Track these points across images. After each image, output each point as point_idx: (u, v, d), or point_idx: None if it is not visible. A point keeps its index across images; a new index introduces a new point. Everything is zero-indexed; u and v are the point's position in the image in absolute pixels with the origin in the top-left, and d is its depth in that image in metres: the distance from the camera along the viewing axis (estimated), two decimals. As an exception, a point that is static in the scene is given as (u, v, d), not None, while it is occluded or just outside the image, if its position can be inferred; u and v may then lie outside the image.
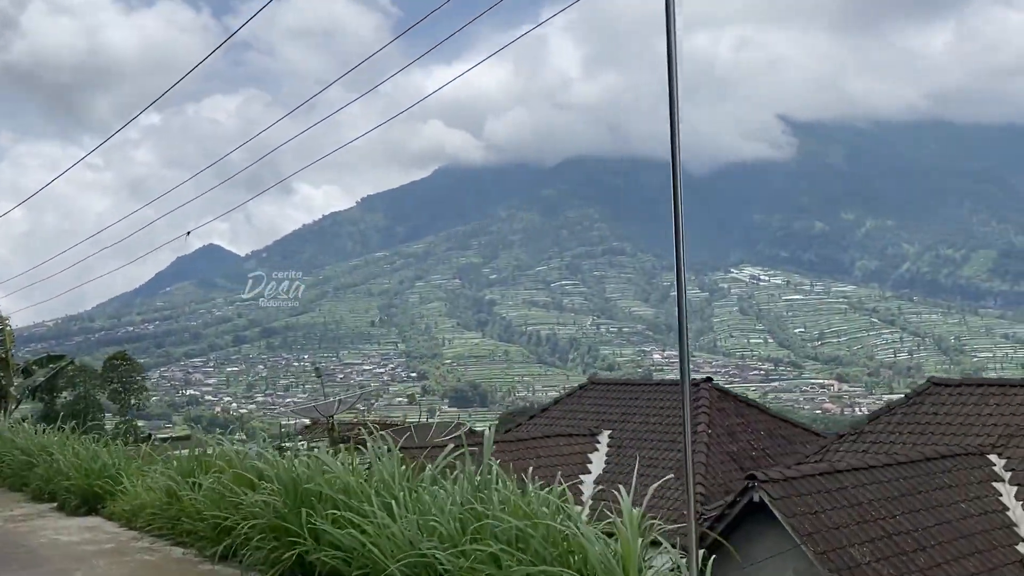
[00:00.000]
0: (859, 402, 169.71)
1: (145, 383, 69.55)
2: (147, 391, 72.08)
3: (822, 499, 13.69)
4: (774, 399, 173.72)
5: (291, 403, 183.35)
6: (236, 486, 6.95)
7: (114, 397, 61.67)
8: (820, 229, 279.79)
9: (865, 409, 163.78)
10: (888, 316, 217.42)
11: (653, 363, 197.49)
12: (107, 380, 61.99)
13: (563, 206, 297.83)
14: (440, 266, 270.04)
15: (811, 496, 13.62)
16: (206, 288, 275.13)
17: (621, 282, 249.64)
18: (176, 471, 8.48)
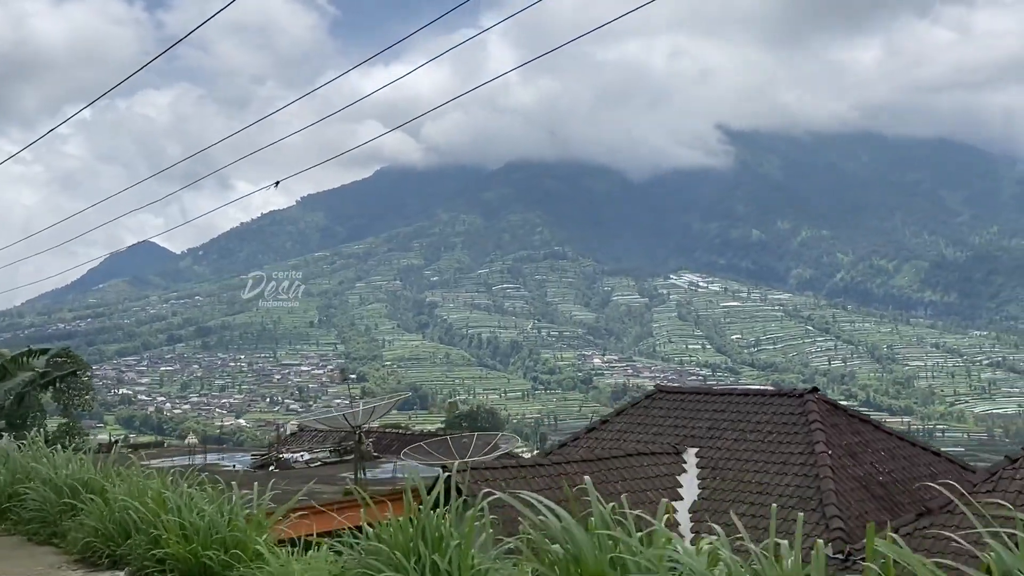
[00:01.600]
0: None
1: (91, 382, 66.16)
2: (93, 391, 68.49)
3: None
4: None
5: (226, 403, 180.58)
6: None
7: (57, 397, 58.12)
8: (757, 237, 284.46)
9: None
10: (823, 324, 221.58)
11: (593, 367, 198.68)
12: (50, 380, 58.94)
13: (505, 210, 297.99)
14: (381, 267, 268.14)
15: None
16: (140, 285, 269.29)
17: (562, 286, 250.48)
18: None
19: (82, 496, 8.19)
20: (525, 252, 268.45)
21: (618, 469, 18.13)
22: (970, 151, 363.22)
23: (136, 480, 7.89)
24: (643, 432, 21.18)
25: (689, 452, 19.68)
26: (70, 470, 8.97)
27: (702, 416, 20.83)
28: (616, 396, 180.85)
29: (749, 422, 19.89)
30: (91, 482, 8.47)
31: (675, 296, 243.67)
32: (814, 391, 20.08)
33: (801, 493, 16.91)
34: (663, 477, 18.64)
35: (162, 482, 7.36)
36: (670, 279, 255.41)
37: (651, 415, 21.82)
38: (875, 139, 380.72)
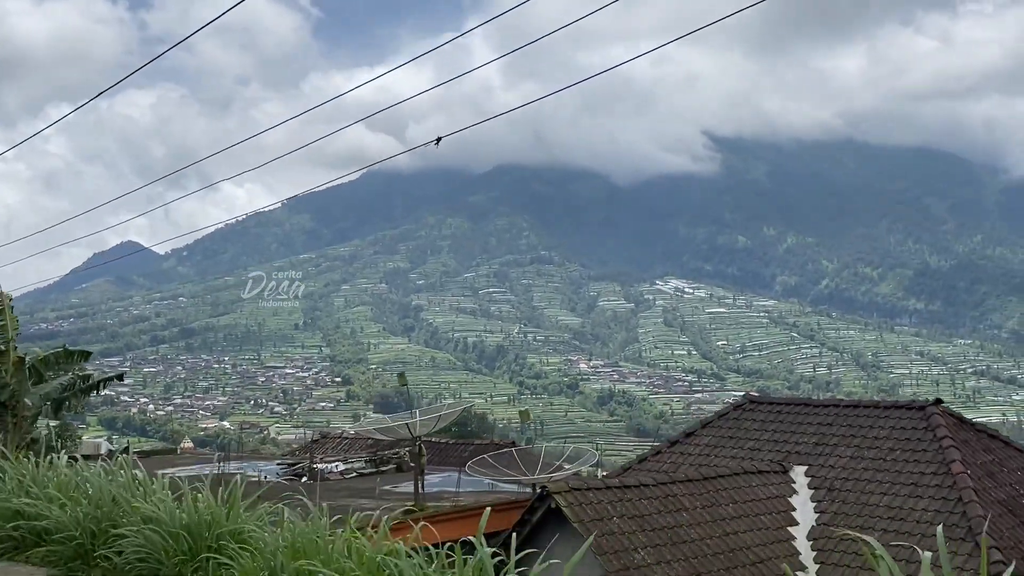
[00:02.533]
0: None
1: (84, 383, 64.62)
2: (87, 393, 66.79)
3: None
4: (697, 410, 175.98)
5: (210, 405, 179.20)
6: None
7: (45, 397, 56.95)
8: (743, 244, 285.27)
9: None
10: (808, 331, 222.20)
11: (579, 372, 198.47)
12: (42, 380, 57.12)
13: (491, 213, 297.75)
14: (367, 270, 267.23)
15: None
16: (123, 286, 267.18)
17: (548, 291, 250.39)
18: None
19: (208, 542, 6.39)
20: (511, 256, 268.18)
21: (727, 490, 16.35)
22: (953, 160, 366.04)
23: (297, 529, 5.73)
24: (736, 447, 19.22)
25: (796, 470, 17.71)
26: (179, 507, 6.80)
27: (805, 430, 18.80)
28: (602, 401, 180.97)
29: (864, 437, 17.82)
30: (214, 521, 6.54)
31: (661, 302, 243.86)
32: (938, 402, 18.12)
33: (943, 520, 14.88)
34: (774, 499, 16.72)
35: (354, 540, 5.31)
36: (656, 285, 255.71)
37: (743, 428, 19.85)
38: (859, 147, 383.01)
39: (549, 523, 14.38)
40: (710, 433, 20.08)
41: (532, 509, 14.81)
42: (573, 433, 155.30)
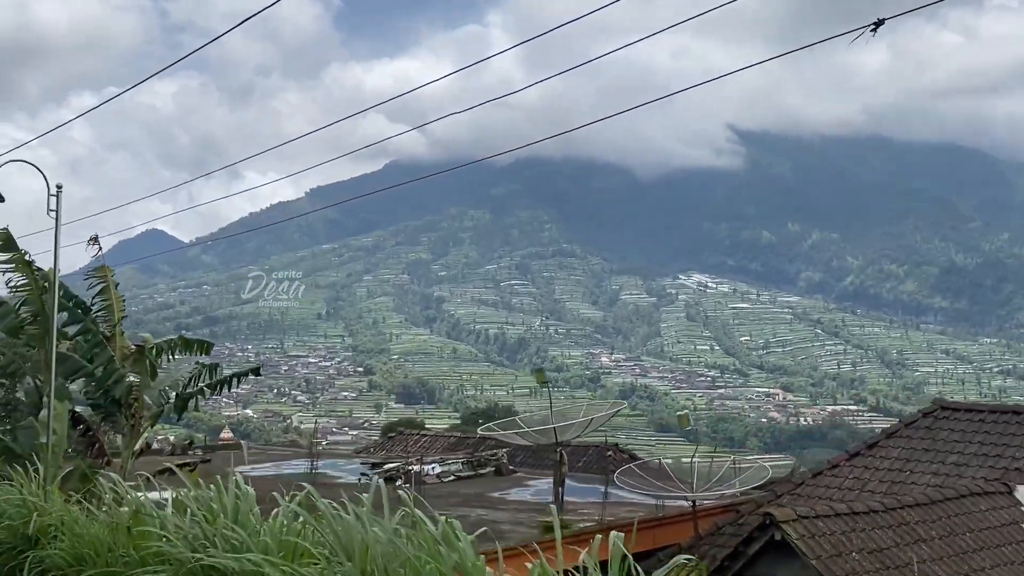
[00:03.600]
0: (803, 412, 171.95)
1: None
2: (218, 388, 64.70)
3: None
4: (720, 406, 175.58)
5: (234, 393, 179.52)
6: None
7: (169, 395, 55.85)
8: (767, 239, 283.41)
9: (809, 419, 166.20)
10: (832, 328, 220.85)
11: (601, 366, 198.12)
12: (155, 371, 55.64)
13: (513, 206, 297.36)
14: (389, 261, 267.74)
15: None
16: (148, 274, 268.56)
17: (570, 284, 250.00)
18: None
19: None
20: (533, 249, 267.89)
21: (958, 516, 14.18)
22: (979, 157, 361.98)
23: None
24: (934, 461, 16.70)
25: (1020, 490, 15.30)
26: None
27: (1021, 442, 16.23)
28: (624, 395, 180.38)
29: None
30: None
31: (684, 296, 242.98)
32: None
33: None
34: (1008, 526, 14.27)
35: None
36: (679, 279, 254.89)
37: (939, 439, 17.34)
38: (883, 143, 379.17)
39: (766, 555, 12.84)
40: (898, 444, 17.77)
41: (749, 540, 13.11)
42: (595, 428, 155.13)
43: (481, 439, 29.00)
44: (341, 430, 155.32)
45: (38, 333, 16.34)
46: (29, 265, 16.39)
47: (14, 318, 16.79)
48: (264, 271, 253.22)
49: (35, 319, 16.47)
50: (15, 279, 16.55)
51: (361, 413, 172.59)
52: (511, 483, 21.27)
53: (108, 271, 18.57)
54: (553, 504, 15.95)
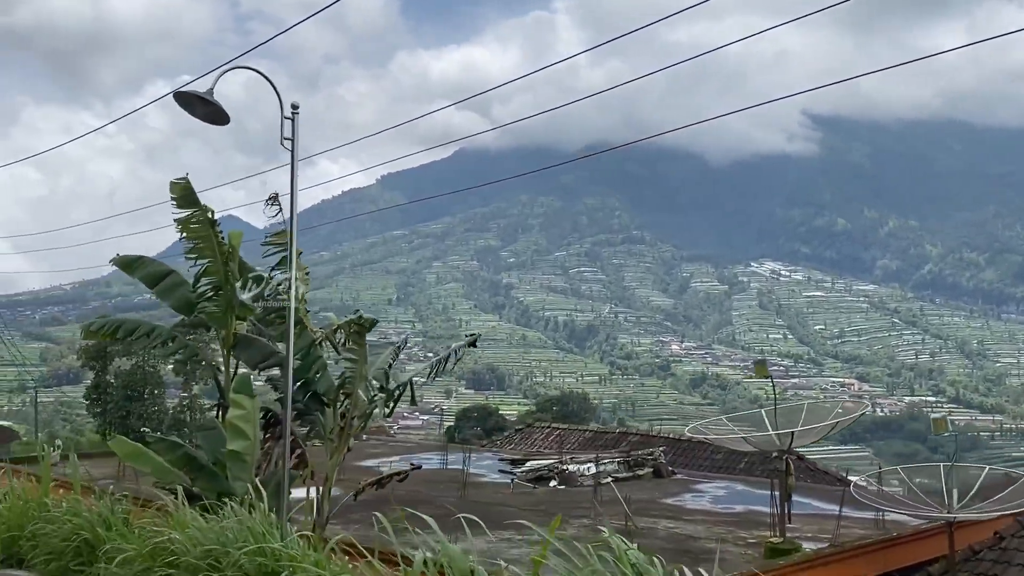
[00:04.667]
0: (880, 403, 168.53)
1: (215, 355, 63.28)
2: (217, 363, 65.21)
3: None
4: (793, 395, 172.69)
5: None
6: None
7: (179, 370, 56.24)
8: (842, 226, 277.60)
9: (886, 410, 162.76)
10: (909, 317, 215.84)
11: (671, 354, 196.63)
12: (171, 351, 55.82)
13: (582, 192, 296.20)
14: (458, 247, 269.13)
15: None
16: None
17: (640, 271, 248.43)
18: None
19: None
20: (603, 235, 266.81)
21: None
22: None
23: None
24: None
25: None
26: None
27: None
28: (695, 384, 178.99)
29: None
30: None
31: (756, 284, 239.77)
32: None
33: None
34: None
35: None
36: (751, 267, 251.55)
37: None
38: (962, 127, 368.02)
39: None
40: None
41: None
42: (665, 416, 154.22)
43: (622, 435, 27.30)
44: (412, 415, 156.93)
45: (219, 311, 13.04)
46: (213, 226, 12.91)
47: (189, 291, 13.40)
48: (336, 257, 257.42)
49: (216, 292, 13.08)
50: (194, 240, 12.92)
51: (431, 399, 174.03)
52: (679, 487, 19.07)
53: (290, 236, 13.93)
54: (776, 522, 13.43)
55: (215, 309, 13.11)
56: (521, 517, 6.86)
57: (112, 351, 52.70)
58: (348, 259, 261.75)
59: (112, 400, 51.82)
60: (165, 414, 53.33)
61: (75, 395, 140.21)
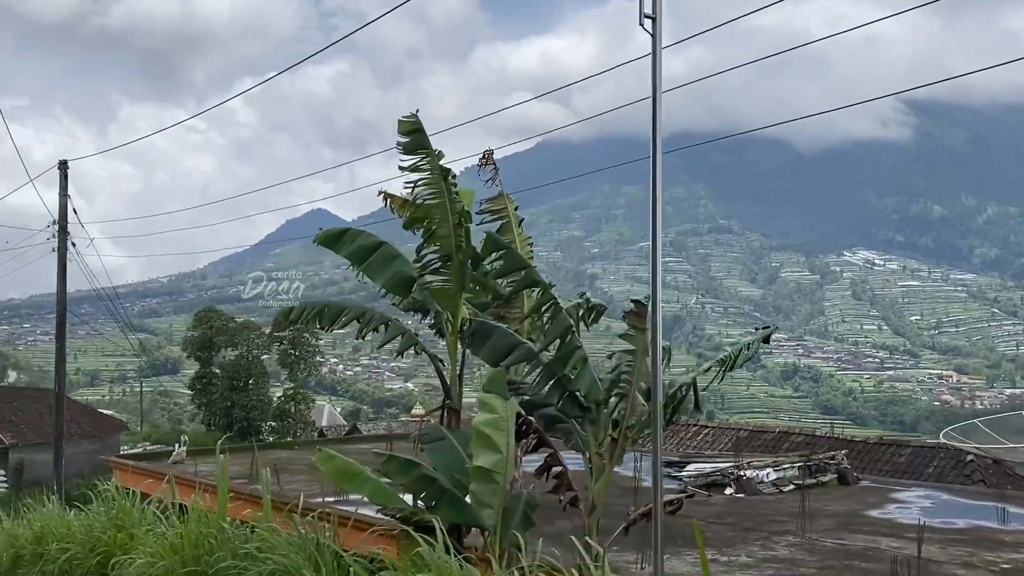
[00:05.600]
0: (980, 395, 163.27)
1: (320, 345, 63.16)
2: (321, 354, 65.01)
3: None
4: (889, 388, 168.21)
5: (395, 367, 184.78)
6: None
7: (283, 360, 56.74)
8: (939, 214, 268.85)
9: (986, 403, 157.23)
10: (1010, 307, 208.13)
11: (761, 345, 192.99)
12: (275, 340, 56.16)
13: (668, 182, 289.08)
14: (541, 238, 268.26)
15: None
16: (313, 251, 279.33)
17: (727, 261, 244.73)
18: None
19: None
20: (689, 225, 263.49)
21: None
22: None
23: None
24: None
25: None
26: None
27: None
28: (786, 376, 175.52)
29: None
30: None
31: (849, 274, 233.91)
32: None
33: None
34: None
35: None
36: (843, 256, 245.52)
37: None
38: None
39: None
40: None
41: None
42: (756, 408, 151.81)
43: (782, 434, 24.71)
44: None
45: (449, 287, 10.34)
46: (445, 176, 9.99)
47: (405, 266, 10.74)
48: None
49: (445, 263, 10.26)
50: (421, 196, 10.04)
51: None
52: (873, 496, 16.73)
53: (508, 201, 12.40)
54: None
55: (444, 285, 10.40)
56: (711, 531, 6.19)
57: (218, 341, 53.74)
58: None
59: (217, 391, 52.69)
60: (269, 405, 54.11)
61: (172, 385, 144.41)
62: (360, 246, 10.90)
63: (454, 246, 10.10)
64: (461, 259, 10.15)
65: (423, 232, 10.21)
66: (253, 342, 55.12)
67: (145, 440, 55.32)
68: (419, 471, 8.57)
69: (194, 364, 56.67)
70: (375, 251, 10.83)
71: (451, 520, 8.44)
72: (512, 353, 9.26)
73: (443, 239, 10.16)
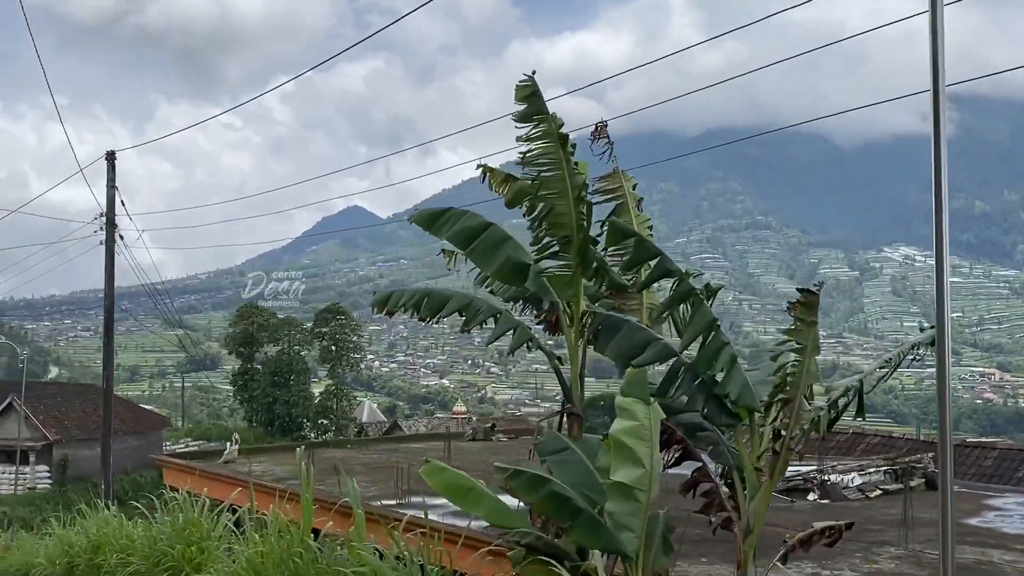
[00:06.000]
0: (1022, 393, 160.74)
1: (361, 341, 63.09)
2: (363, 351, 64.99)
3: None
4: (930, 386, 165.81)
5: (430, 363, 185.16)
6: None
7: (325, 356, 56.97)
8: (980, 209, 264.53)
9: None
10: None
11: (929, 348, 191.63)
12: (317, 336, 56.40)
13: (703, 177, 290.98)
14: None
15: None
16: (349, 248, 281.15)
17: (764, 257, 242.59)
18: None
19: None
20: (725, 221, 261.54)
21: None
22: None
23: None
24: None
25: None
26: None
27: None
28: (826, 373, 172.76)
29: None
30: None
31: (889, 270, 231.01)
32: None
33: None
34: None
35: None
36: (883, 252, 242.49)
37: None
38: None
39: None
40: None
41: None
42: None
43: (856, 436, 22.34)
44: (534, 402, 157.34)
45: (570, 274, 8.93)
46: (563, 143, 8.58)
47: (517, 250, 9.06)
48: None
49: (566, 243, 8.82)
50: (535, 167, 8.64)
51: (553, 386, 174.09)
52: (968, 503, 15.61)
53: (624, 179, 10.45)
54: None
55: (563, 272, 8.98)
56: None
57: (259, 337, 54.11)
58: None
59: (259, 387, 52.97)
60: (311, 401, 54.36)
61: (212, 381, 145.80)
62: (465, 227, 9.34)
63: (575, 225, 8.72)
64: (583, 240, 8.75)
65: (538, 211, 8.84)
66: (294, 338, 55.33)
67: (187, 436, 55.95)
68: (549, 488, 7.06)
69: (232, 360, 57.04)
70: (482, 233, 9.27)
71: (588, 545, 7.26)
72: (646, 351, 7.99)
73: (562, 218, 8.77)
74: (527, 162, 8.66)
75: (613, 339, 8.29)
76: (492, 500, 7.29)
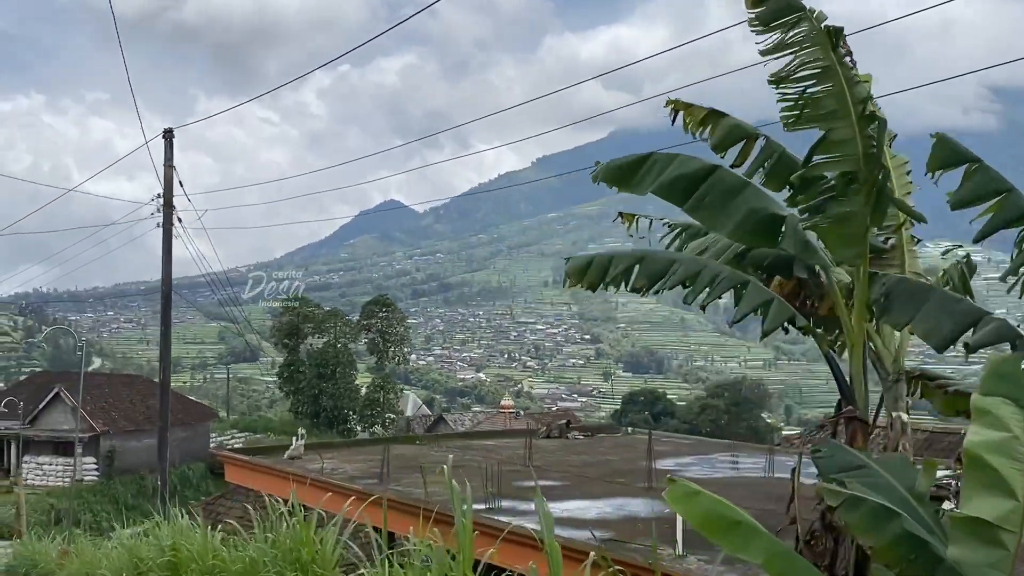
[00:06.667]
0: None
1: (407, 333, 62.86)
2: (410, 342, 64.86)
3: None
4: (972, 385, 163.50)
5: (467, 357, 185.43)
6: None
7: (372, 348, 57.10)
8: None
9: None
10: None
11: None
12: (364, 328, 56.38)
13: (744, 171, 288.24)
14: (614, 229, 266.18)
15: None
16: (386, 242, 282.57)
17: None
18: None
19: None
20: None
21: None
22: None
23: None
24: None
25: None
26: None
27: None
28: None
29: None
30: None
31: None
32: None
33: None
34: None
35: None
36: (925, 247, 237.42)
37: None
38: None
39: None
40: None
41: None
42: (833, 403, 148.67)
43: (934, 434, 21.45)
44: (570, 396, 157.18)
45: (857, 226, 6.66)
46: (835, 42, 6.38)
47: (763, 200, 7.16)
48: (493, 239, 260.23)
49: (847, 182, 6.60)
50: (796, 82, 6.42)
51: (589, 380, 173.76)
52: None
53: None
54: None
55: (843, 225, 6.63)
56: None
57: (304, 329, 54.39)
58: (504, 241, 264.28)
59: (304, 378, 53.10)
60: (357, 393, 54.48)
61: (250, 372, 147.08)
62: (680, 175, 7.13)
63: (862, 155, 6.37)
64: (877, 179, 6.50)
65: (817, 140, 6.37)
66: (340, 331, 55.36)
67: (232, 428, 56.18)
68: (901, 527, 4.36)
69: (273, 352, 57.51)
70: (706, 179, 7.07)
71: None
72: (977, 329, 6.12)
73: (843, 146, 6.44)
74: (782, 79, 6.45)
75: (917, 312, 6.38)
76: (768, 542, 4.48)
